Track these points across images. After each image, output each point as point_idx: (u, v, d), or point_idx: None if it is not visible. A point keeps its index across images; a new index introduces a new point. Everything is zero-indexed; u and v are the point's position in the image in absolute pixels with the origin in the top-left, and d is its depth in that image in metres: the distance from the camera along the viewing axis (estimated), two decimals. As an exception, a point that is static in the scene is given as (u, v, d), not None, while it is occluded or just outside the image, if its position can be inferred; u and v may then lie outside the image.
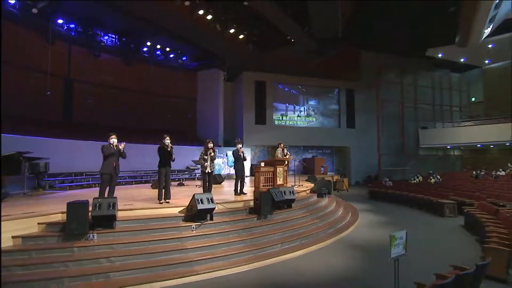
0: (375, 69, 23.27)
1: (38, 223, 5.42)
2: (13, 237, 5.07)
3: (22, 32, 13.76)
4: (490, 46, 20.74)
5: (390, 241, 4.42)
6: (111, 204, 5.49)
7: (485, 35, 19.34)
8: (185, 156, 15.30)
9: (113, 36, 17.64)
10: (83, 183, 11.91)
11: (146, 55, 18.90)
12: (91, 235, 5.31)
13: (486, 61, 24.04)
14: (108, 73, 17.39)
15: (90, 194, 7.41)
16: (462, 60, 23.49)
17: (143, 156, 14.08)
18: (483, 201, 9.82)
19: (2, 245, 4.92)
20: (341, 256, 6.33)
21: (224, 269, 5.35)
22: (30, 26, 13.98)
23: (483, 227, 6.68)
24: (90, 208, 5.34)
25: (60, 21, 15.28)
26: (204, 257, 5.49)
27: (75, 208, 5.17)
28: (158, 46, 18.82)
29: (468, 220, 8.68)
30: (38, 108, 13.88)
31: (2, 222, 5.06)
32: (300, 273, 5.37)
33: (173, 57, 19.71)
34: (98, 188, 10.89)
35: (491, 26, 18.38)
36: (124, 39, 17.73)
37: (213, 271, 5.23)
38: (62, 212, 5.60)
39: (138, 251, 5.28)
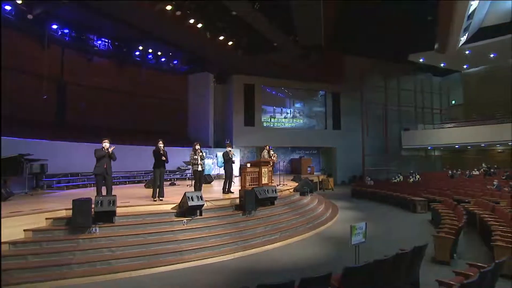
0: (360, 73, 24.23)
1: (46, 218, 6.11)
2: (24, 230, 5.76)
3: (16, 36, 14.10)
4: (467, 52, 21.83)
5: (351, 231, 5.27)
6: (111, 201, 6.22)
7: (461, 43, 20.43)
8: (176, 157, 15.94)
9: (106, 40, 18.11)
10: (79, 183, 12.50)
11: (138, 58, 19.43)
12: (93, 228, 6.03)
13: (465, 66, 25.21)
14: (100, 76, 17.75)
15: (87, 193, 8.12)
16: (442, 65, 24.59)
17: (136, 157, 14.77)
18: (449, 198, 10.79)
19: (15, 238, 5.67)
20: (315, 247, 7.18)
21: (211, 257, 6.13)
22: (24, 31, 14.36)
23: (441, 220, 7.59)
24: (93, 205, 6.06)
25: (54, 26, 15.74)
26: (194, 247, 6.26)
27: (80, 205, 5.89)
28: (150, 50, 19.36)
29: (434, 215, 9.63)
30: (31, 110, 14.23)
31: (14, 217, 5.79)
32: (277, 260, 6.19)
33: (164, 60, 20.26)
34: (93, 188, 11.63)
35: (466, 35, 19.48)
36: (116, 43, 18.23)
37: (202, 259, 6.02)
38: (66, 209, 6.29)
39: (135, 242, 6.03)
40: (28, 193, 9.48)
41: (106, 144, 6.99)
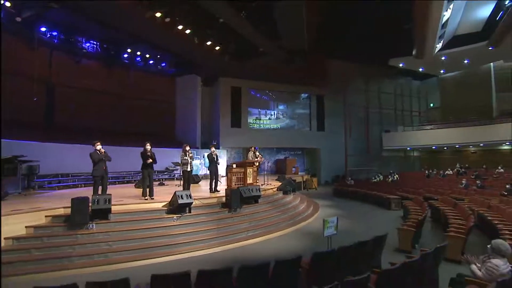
0: (343, 76, 25.17)
1: (45, 216, 6.58)
2: (26, 227, 6.23)
3: (4, 38, 14.20)
4: (443, 58, 23.00)
5: (324, 224, 5.98)
6: (107, 199, 6.75)
7: (437, 49, 21.58)
8: (164, 158, 16.36)
9: (95, 42, 18.36)
10: (69, 183, 12.84)
11: (126, 61, 19.70)
12: (90, 224, 6.54)
13: (441, 71, 26.46)
14: (89, 77, 17.90)
15: (78, 193, 8.59)
16: (420, 69, 25.78)
17: (125, 158, 15.10)
18: (420, 196, 11.69)
19: (17, 234, 6.11)
20: (295, 240, 7.87)
21: (200, 250, 6.75)
22: (13, 33, 14.48)
23: (408, 215, 8.41)
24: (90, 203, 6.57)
25: (43, 29, 15.94)
26: (184, 241, 6.86)
27: (78, 203, 6.39)
28: (138, 53, 19.67)
29: (405, 211, 10.48)
30: (20, 111, 14.37)
31: (15, 215, 6.25)
32: (260, 252, 6.85)
33: (152, 63, 20.56)
34: (84, 188, 12.05)
35: (441, 42, 20.64)
36: (105, 45, 18.51)
37: (192, 252, 6.62)
38: (64, 207, 6.79)
39: (130, 237, 6.58)
40: (22, 193, 9.83)
41: (99, 147, 7.47)
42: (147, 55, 20.07)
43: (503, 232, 6.01)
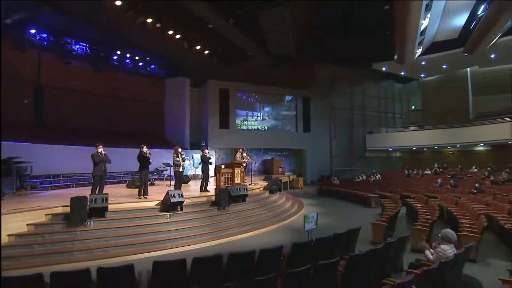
0: (328, 79, 26.01)
1: (45, 214, 7.00)
2: (27, 224, 6.64)
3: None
4: (423, 63, 24.08)
5: (304, 219, 6.61)
6: (104, 198, 7.21)
7: (417, 55, 22.57)
8: (154, 158, 16.72)
9: (84, 44, 18.51)
10: (61, 183, 13.12)
11: (116, 63, 19.91)
12: (88, 222, 6.99)
13: (422, 75, 27.63)
14: (78, 79, 18.04)
15: (72, 193, 9.00)
16: (402, 73, 26.86)
17: (115, 159, 15.40)
18: (397, 194, 12.49)
19: (19, 231, 6.52)
20: (279, 235, 8.49)
21: (191, 245, 7.28)
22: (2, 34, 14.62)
23: (383, 212, 9.14)
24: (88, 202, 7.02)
25: (32, 31, 16.09)
26: (177, 237, 7.39)
27: (77, 202, 6.84)
28: (128, 55, 19.94)
29: (382, 208, 11.24)
30: (9, 112, 14.46)
31: (17, 214, 6.66)
32: (247, 245, 7.42)
33: (142, 65, 20.87)
34: (77, 188, 12.37)
35: (421, 48, 21.65)
36: (94, 47, 18.67)
37: (184, 246, 7.15)
38: (63, 206, 7.23)
39: (126, 233, 7.07)
40: (16, 194, 10.14)
41: (101, 149, 7.94)
42: (137, 57, 20.34)
43: (462, 224, 6.78)
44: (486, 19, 15.83)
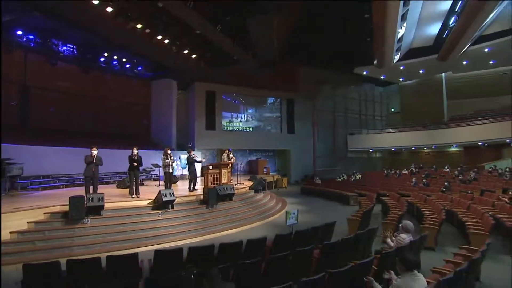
0: (312, 82, 26.94)
1: (44, 213, 7.42)
2: (28, 222, 7.07)
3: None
4: (401, 68, 25.31)
5: (286, 215, 7.31)
6: (100, 198, 7.70)
7: (396, 60, 23.79)
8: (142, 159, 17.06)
9: (71, 46, 18.58)
10: (51, 184, 13.38)
11: (103, 64, 20.03)
12: (86, 219, 7.47)
13: (401, 79, 28.97)
14: (65, 80, 18.03)
15: (64, 193, 9.49)
16: (382, 77, 28.10)
17: (104, 159, 15.71)
18: (374, 193, 13.40)
19: (20, 228, 6.94)
20: (263, 231, 9.13)
21: (182, 239, 7.86)
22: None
23: (360, 209, 9.97)
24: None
25: (19, 32, 16.17)
26: (168, 233, 7.96)
27: (75, 200, 7.31)
28: (115, 57, 20.13)
29: (359, 206, 12.08)
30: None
31: (17, 212, 7.09)
32: (233, 240, 8.03)
33: (129, 67, 21.06)
34: (67, 189, 12.70)
35: (399, 54, 22.84)
36: (81, 49, 18.76)
37: (175, 241, 7.72)
38: (60, 205, 7.66)
39: (121, 230, 7.59)
40: (8, 194, 10.42)
41: (94, 152, 8.41)
42: (124, 59, 20.50)
43: (426, 217, 7.64)
44: (456, 29, 16.99)
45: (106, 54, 19.73)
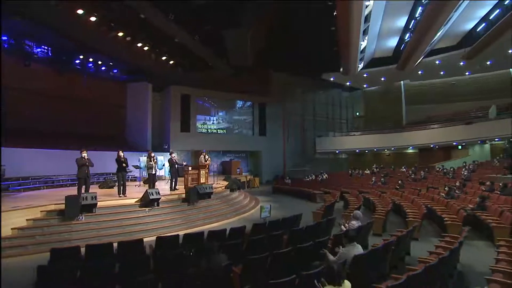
0: (283, 87, 28.43)
1: (41, 211, 8.13)
2: (27, 219, 7.76)
3: None
4: (365, 75, 27.39)
5: (260, 209, 8.52)
6: (93, 196, 8.51)
7: (360, 68, 25.77)
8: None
9: (46, 48, 18.57)
10: (31, 186, 13.68)
11: (78, 66, 20.01)
12: (80, 216, 8.24)
13: (365, 85, 31.19)
14: (39, 81, 17.93)
15: (48, 193, 10.36)
16: (348, 83, 30.16)
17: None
18: (338, 191, 14.98)
19: (20, 225, 7.63)
20: (240, 224, 10.25)
21: (169, 233, 8.79)
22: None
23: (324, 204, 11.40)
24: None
25: (-7, 34, 16.12)
26: (155, 227, 8.91)
27: (71, 199, 8.09)
28: (90, 59, 20.31)
29: (324, 202, 13.57)
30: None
31: (15, 211, 7.77)
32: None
33: (104, 69, 21.25)
34: (49, 190, 13.11)
35: (362, 63, 24.84)
36: (56, 51, 18.84)
37: (162, 234, 8.64)
38: (55, 204, 8.39)
39: (113, 225, 8.46)
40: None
41: (84, 154, 9.16)
42: (99, 62, 20.70)
43: (378, 209, 9.17)
44: (411, 43, 19.06)
45: (81, 56, 19.84)
